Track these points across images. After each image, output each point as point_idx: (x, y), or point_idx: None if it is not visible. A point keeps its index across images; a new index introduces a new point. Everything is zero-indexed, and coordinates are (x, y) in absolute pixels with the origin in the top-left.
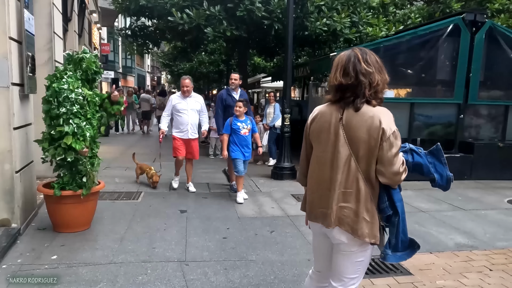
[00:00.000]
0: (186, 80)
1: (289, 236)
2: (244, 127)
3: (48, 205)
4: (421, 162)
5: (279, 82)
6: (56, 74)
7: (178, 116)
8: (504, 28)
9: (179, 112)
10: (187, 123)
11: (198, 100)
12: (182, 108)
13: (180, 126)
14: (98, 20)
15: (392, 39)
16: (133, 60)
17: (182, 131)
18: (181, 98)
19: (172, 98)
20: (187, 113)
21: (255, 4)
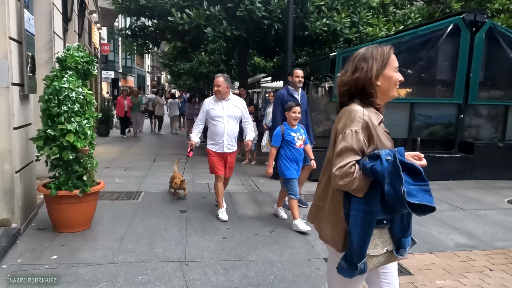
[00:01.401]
0: (218, 78)
1: (289, 236)
2: (299, 137)
3: (48, 205)
4: (377, 169)
5: (279, 82)
6: (56, 74)
7: (212, 124)
8: (504, 28)
9: (213, 120)
10: (222, 133)
11: (237, 104)
12: (217, 114)
13: (215, 137)
14: (98, 20)
15: (392, 39)
16: (133, 60)
17: (217, 143)
18: (215, 102)
19: (206, 102)
20: (223, 121)
21: (255, 4)
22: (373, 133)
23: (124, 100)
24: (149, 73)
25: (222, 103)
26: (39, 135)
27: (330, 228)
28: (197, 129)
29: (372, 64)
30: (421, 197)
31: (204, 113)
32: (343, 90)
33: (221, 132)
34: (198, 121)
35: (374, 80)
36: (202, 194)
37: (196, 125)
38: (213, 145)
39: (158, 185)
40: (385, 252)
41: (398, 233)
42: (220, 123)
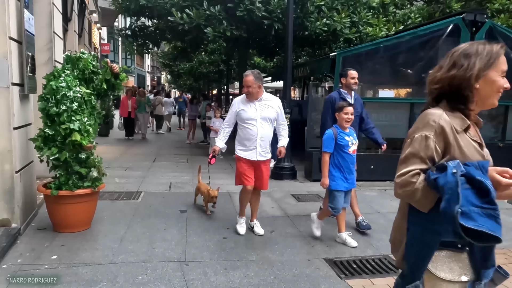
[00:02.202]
0: (248, 76)
1: (289, 236)
2: (353, 142)
3: (48, 205)
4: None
5: (279, 82)
6: (53, 73)
7: (242, 128)
8: (504, 28)
9: (245, 123)
10: (255, 138)
11: (272, 104)
12: (249, 117)
13: (246, 143)
14: (98, 20)
15: (392, 39)
16: (133, 60)
17: (248, 149)
18: (247, 103)
19: (235, 102)
20: (256, 124)
21: (255, 4)
22: (450, 140)
23: (129, 100)
24: (149, 73)
25: (254, 103)
26: (39, 134)
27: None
28: (223, 133)
29: (474, 62)
30: (481, 222)
31: (233, 114)
32: (433, 88)
33: (253, 136)
34: (225, 123)
35: (473, 81)
36: None
37: (222, 129)
38: (243, 151)
39: (158, 185)
40: (463, 281)
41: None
42: (252, 126)
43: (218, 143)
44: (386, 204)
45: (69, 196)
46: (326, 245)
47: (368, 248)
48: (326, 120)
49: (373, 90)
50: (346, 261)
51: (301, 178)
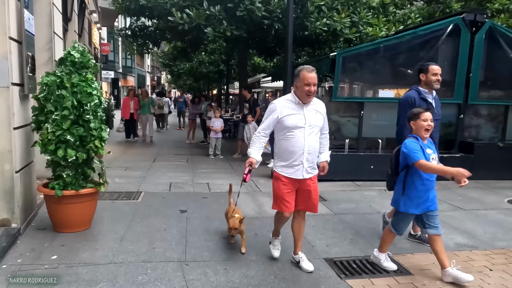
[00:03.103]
0: (311, 73)
1: (289, 236)
2: (433, 157)
3: (48, 205)
4: None
5: (279, 82)
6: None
7: (285, 138)
8: (504, 28)
9: (290, 132)
10: (301, 150)
11: (319, 109)
12: (296, 124)
13: (289, 156)
14: (98, 20)
15: (392, 39)
16: (133, 60)
17: (292, 165)
18: (295, 106)
19: (277, 106)
20: (303, 133)
21: (255, 4)
22: None
23: (131, 101)
24: (149, 73)
25: (302, 108)
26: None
27: None
28: (258, 142)
29: None
30: None
31: (273, 121)
32: None
33: (299, 149)
34: (262, 131)
35: None
36: (202, 194)
37: (256, 137)
38: (285, 167)
39: (158, 185)
40: None
41: None
42: (298, 136)
43: (254, 154)
44: (386, 204)
45: (69, 196)
46: (326, 245)
47: (368, 248)
48: (404, 124)
49: (373, 90)
50: (346, 261)
51: None
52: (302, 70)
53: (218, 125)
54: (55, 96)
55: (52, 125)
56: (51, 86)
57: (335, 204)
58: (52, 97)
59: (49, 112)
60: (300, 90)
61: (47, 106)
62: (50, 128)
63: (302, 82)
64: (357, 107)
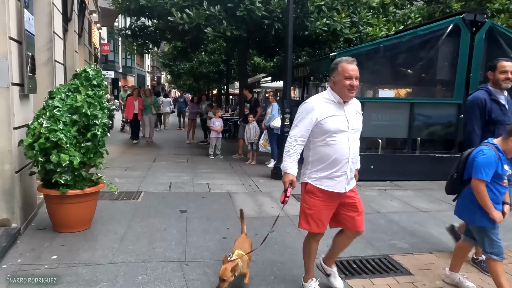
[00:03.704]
0: (353, 63)
1: (289, 236)
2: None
3: (48, 205)
4: None
5: (279, 82)
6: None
7: (325, 144)
8: (504, 28)
9: (331, 137)
10: (346, 159)
11: (358, 109)
12: (338, 128)
13: (331, 166)
14: (98, 20)
15: (392, 39)
16: (133, 60)
17: (333, 176)
18: (334, 105)
19: (314, 105)
20: (347, 138)
21: (255, 4)
22: None
23: (135, 101)
24: (149, 73)
25: (343, 108)
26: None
27: None
28: (295, 154)
29: None
30: None
31: (311, 124)
32: None
33: (343, 157)
34: (299, 139)
35: None
36: (202, 194)
37: (292, 146)
38: (324, 179)
39: (158, 185)
40: None
41: None
42: (342, 142)
43: (292, 170)
44: (386, 204)
45: (69, 196)
46: (326, 245)
47: (368, 248)
48: (473, 129)
49: (373, 90)
50: (346, 261)
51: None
52: (341, 62)
53: (218, 125)
54: (64, 96)
55: (50, 121)
56: (64, 88)
57: None
58: (60, 95)
59: (49, 107)
60: (339, 85)
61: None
62: (46, 123)
63: (341, 76)
64: None
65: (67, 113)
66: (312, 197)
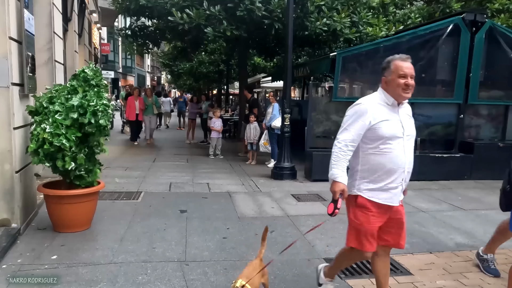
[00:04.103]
0: (407, 62)
1: (289, 236)
2: None
3: (48, 205)
4: None
5: (279, 82)
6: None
7: (381, 151)
8: (504, 28)
9: (386, 144)
10: (402, 168)
11: (410, 113)
12: (394, 133)
13: (386, 177)
14: (98, 20)
15: (392, 39)
16: (133, 60)
17: (388, 188)
18: (388, 108)
19: (367, 107)
20: (402, 145)
21: (255, 3)
22: None
23: (136, 101)
24: (149, 73)
25: (397, 110)
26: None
27: None
28: (344, 160)
29: None
30: None
31: (363, 128)
32: None
33: (399, 166)
34: (349, 144)
35: None
36: (202, 194)
37: (342, 152)
38: (378, 191)
39: (158, 185)
40: None
41: None
42: (397, 150)
43: (342, 178)
44: None
45: (69, 196)
46: (326, 245)
47: None
48: None
49: (373, 90)
50: None
51: (301, 178)
52: (394, 59)
53: (218, 125)
54: (63, 99)
55: (53, 126)
56: (62, 91)
57: None
58: (60, 100)
59: (51, 112)
60: (392, 85)
61: (50, 107)
62: (49, 128)
63: (394, 74)
64: None
65: (67, 115)
66: (365, 212)
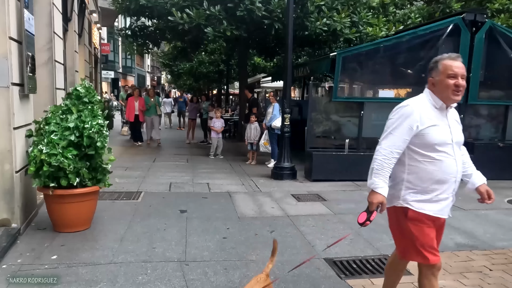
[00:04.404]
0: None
1: (289, 236)
2: None
3: (48, 205)
4: None
5: (279, 82)
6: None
7: (430, 159)
8: (504, 28)
9: (437, 151)
10: (454, 177)
11: (457, 118)
12: (444, 140)
13: (436, 187)
14: (98, 20)
15: (392, 39)
16: (133, 60)
17: (438, 199)
18: (437, 112)
19: (415, 110)
20: (452, 152)
21: (255, 3)
22: None
23: (136, 102)
24: (149, 73)
25: (446, 115)
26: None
27: None
28: (388, 168)
29: None
30: None
31: (411, 133)
32: None
33: (451, 176)
34: (394, 151)
35: None
36: (202, 194)
37: (385, 158)
38: (427, 202)
39: (158, 185)
40: None
41: None
42: (447, 157)
43: (383, 189)
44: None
45: (69, 195)
46: (326, 245)
47: (368, 248)
48: None
49: (373, 90)
50: (346, 261)
51: (301, 178)
52: (442, 59)
53: (219, 125)
54: (58, 119)
55: (48, 146)
56: (56, 111)
57: (335, 204)
58: (55, 120)
59: (46, 133)
60: (440, 86)
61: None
62: (45, 149)
63: (443, 75)
64: (357, 107)
65: (63, 135)
66: (418, 224)
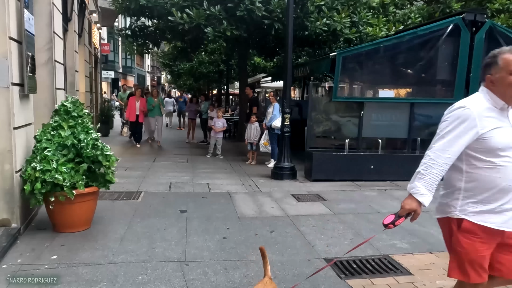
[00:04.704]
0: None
1: (289, 236)
2: None
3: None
4: None
5: (279, 82)
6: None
7: (492, 165)
8: (504, 28)
9: (500, 156)
10: None
11: None
12: (508, 143)
13: (500, 196)
14: (98, 20)
15: (392, 39)
16: (133, 60)
17: (502, 210)
18: (497, 112)
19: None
20: None
21: (255, 4)
22: None
23: (137, 102)
24: (149, 73)
25: (507, 115)
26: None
27: None
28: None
29: None
30: None
31: (469, 138)
32: None
33: None
34: (448, 155)
35: None
36: (202, 194)
37: (436, 164)
38: (489, 213)
39: (158, 185)
40: None
41: None
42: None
43: (426, 198)
44: (386, 204)
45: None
46: (326, 245)
47: (368, 248)
48: None
49: (373, 90)
50: (346, 261)
51: (301, 178)
52: (502, 53)
53: (220, 125)
54: (49, 136)
55: (42, 163)
56: (46, 128)
57: (335, 204)
58: (46, 136)
59: (38, 150)
60: (501, 84)
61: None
62: (39, 166)
63: (504, 71)
64: (357, 107)
65: (57, 151)
66: (470, 238)
